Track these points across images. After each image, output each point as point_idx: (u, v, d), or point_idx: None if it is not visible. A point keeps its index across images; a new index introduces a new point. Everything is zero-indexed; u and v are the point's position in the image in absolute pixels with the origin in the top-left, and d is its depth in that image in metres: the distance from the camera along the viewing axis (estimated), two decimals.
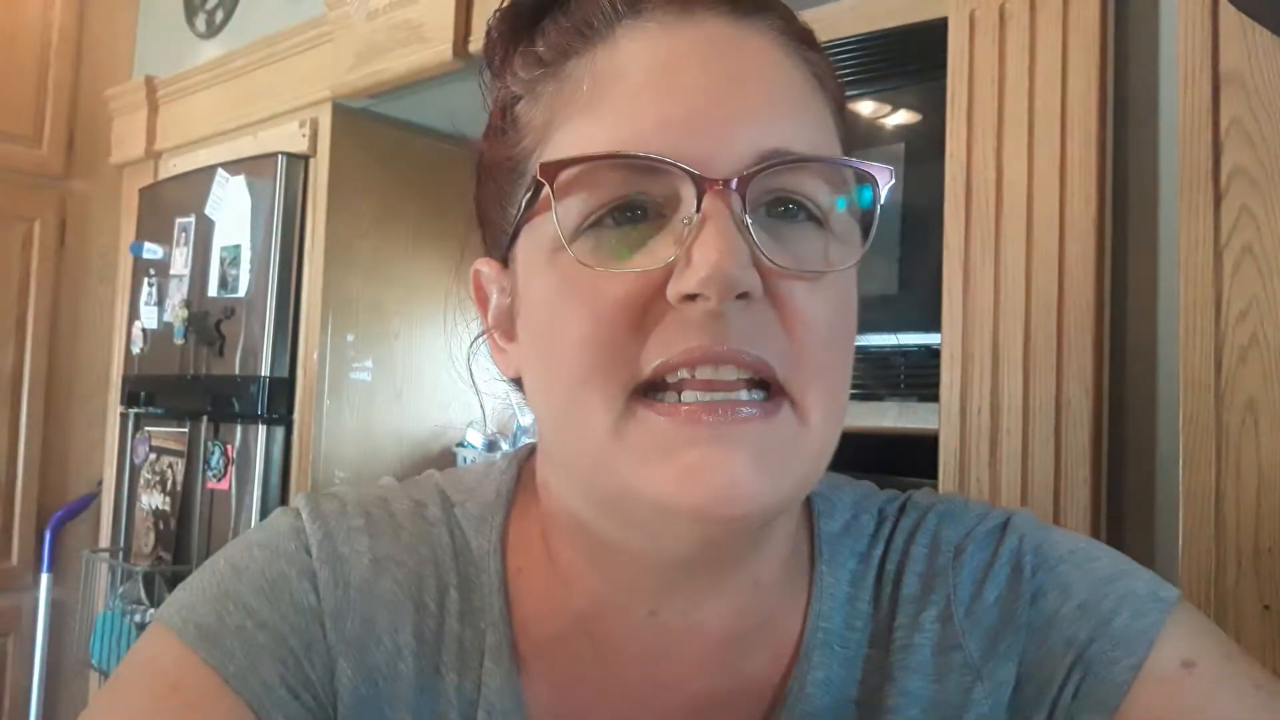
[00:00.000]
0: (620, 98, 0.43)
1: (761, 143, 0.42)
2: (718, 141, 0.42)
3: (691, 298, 0.40)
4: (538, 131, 0.47)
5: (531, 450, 0.56)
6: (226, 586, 0.49)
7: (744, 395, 0.42)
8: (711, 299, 0.40)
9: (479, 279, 0.53)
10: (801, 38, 0.48)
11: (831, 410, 0.44)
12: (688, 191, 0.41)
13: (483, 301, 0.53)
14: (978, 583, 0.51)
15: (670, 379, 0.42)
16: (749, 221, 0.41)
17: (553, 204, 0.43)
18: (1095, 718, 0.46)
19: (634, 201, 0.43)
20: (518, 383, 0.52)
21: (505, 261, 0.50)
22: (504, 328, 0.51)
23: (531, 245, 0.46)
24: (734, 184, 0.41)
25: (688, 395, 0.42)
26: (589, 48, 0.45)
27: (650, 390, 0.42)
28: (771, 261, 0.41)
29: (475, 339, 0.54)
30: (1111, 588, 0.49)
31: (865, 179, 0.45)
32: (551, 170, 0.43)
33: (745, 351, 0.41)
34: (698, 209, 0.41)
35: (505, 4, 0.49)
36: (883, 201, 0.45)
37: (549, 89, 0.46)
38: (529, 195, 0.45)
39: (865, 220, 0.47)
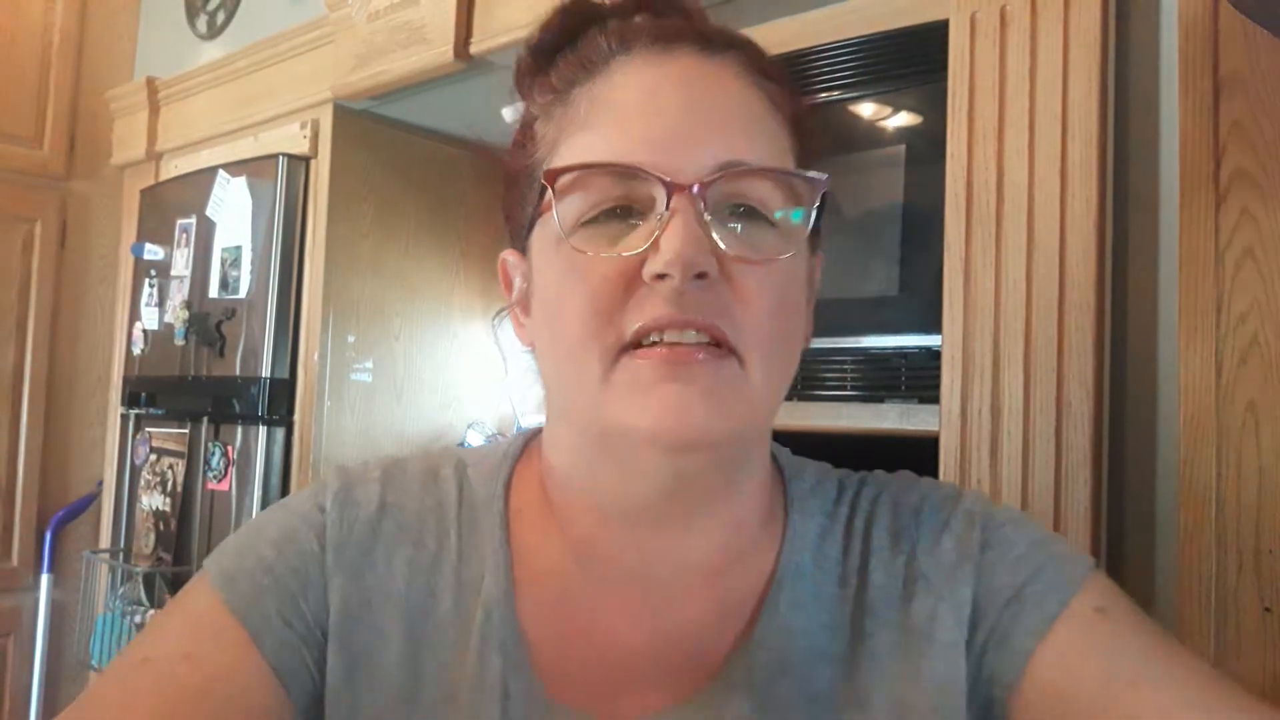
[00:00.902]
0: (611, 118, 0.54)
1: (720, 156, 0.53)
2: (685, 155, 0.52)
3: (661, 277, 0.51)
4: (548, 145, 0.58)
5: (535, 431, 0.68)
6: (250, 540, 0.61)
7: (701, 352, 0.52)
8: (675, 278, 0.50)
9: (505, 267, 0.64)
10: (762, 70, 0.58)
11: (770, 372, 0.54)
12: (661, 194, 0.52)
13: (508, 285, 0.64)
14: (936, 533, 0.62)
15: (645, 341, 0.52)
16: (709, 218, 0.52)
17: (553, 203, 0.54)
18: (1026, 640, 0.56)
19: (620, 201, 0.53)
20: (532, 351, 0.63)
21: (524, 251, 0.61)
22: (523, 305, 0.62)
23: (542, 237, 0.57)
24: (696, 188, 0.51)
25: (664, 338, 0.52)
26: (589, 78, 0.56)
27: (631, 348, 0.53)
28: (725, 249, 0.52)
29: (499, 312, 0.65)
30: (1045, 549, 0.60)
31: (811, 183, 0.55)
32: (553, 175, 0.54)
33: (701, 319, 0.51)
34: (667, 207, 0.51)
35: (530, 43, 0.61)
36: (817, 203, 0.56)
37: (558, 111, 0.58)
38: (539, 196, 0.56)
39: (810, 218, 0.57)
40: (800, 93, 0.60)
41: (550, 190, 0.54)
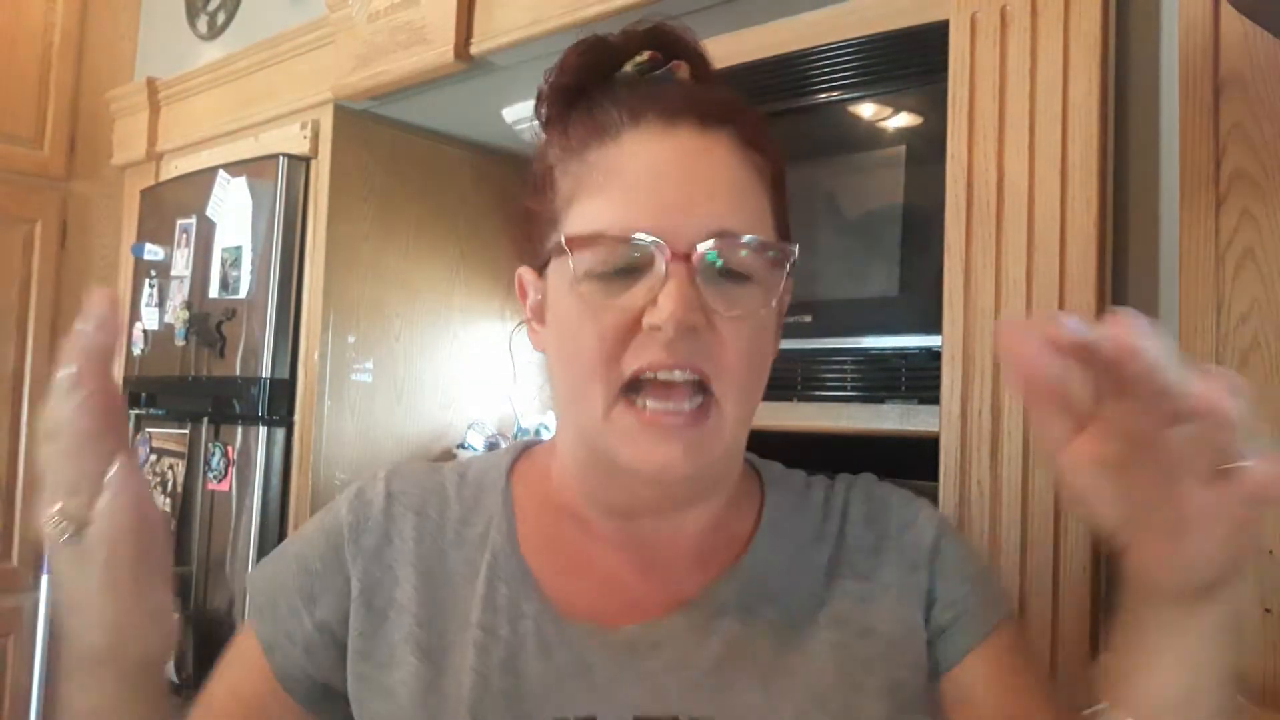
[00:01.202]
0: (621, 189, 0.64)
1: (712, 225, 0.62)
2: (682, 224, 0.62)
3: (657, 328, 0.61)
4: (565, 198, 0.67)
5: (534, 441, 0.81)
6: (274, 562, 0.76)
7: (686, 405, 0.63)
8: (669, 331, 0.60)
9: (521, 281, 0.73)
10: (751, 142, 0.66)
11: (742, 405, 0.66)
12: (661, 257, 0.61)
13: (523, 296, 0.73)
14: (905, 522, 0.74)
15: (642, 378, 0.63)
16: (699, 279, 0.62)
17: (571, 261, 0.64)
18: (967, 639, 0.70)
19: (626, 262, 0.63)
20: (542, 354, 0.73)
21: (540, 273, 0.70)
22: (538, 315, 0.71)
23: (559, 273, 0.66)
24: (692, 257, 0.61)
25: (651, 404, 0.63)
26: (603, 144, 0.65)
27: (628, 388, 0.63)
28: (712, 307, 0.62)
29: (518, 325, 0.75)
30: (988, 574, 0.77)
31: (786, 251, 0.66)
32: (571, 243, 0.64)
33: (688, 363, 0.62)
34: (666, 271, 0.61)
35: (551, 81, 0.71)
36: (786, 268, 0.66)
37: (574, 167, 0.67)
38: (559, 245, 0.65)
39: (783, 273, 0.67)
40: (780, 155, 0.69)
41: (569, 253, 0.64)
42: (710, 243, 0.62)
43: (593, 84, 0.69)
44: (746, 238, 0.63)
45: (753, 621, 0.68)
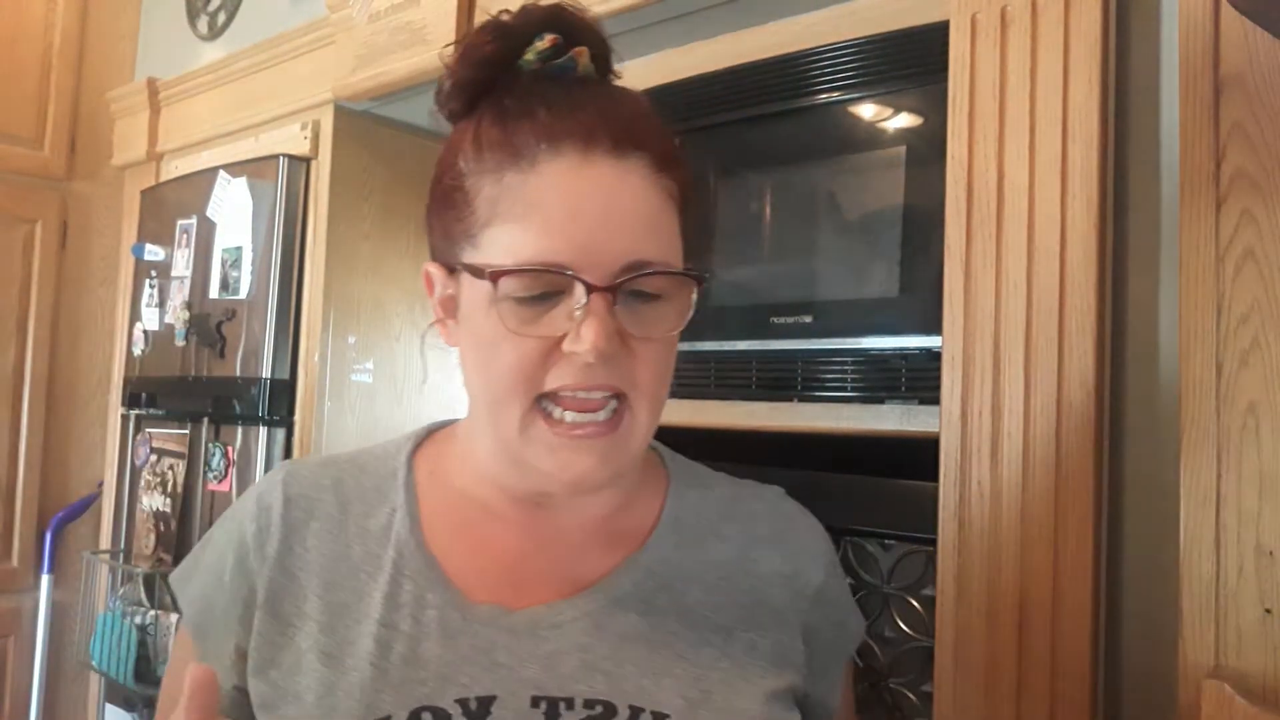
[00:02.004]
0: (541, 220, 0.66)
1: (628, 257, 0.65)
2: (601, 258, 0.65)
3: (578, 354, 0.64)
4: (482, 219, 0.68)
5: (439, 425, 0.83)
6: (200, 573, 0.78)
7: (601, 415, 0.67)
8: (590, 359, 0.64)
9: (429, 276, 0.75)
10: (662, 167, 0.69)
11: (653, 415, 0.70)
12: (580, 289, 0.65)
13: (430, 289, 0.75)
14: (800, 550, 0.80)
15: (559, 393, 0.66)
16: (618, 307, 0.65)
17: (493, 290, 0.66)
18: (843, 654, 0.83)
19: (545, 289, 0.66)
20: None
21: (450, 271, 0.72)
22: (449, 311, 0.73)
23: (475, 287, 0.68)
24: (609, 293, 0.65)
25: (570, 416, 0.66)
26: (520, 170, 0.66)
27: (544, 398, 0.67)
28: (630, 331, 0.66)
29: (430, 325, 0.77)
30: (852, 600, 0.86)
31: (693, 281, 0.70)
32: (496, 275, 0.65)
33: (605, 383, 0.66)
34: (586, 302, 0.64)
35: (455, 77, 0.71)
36: (695, 292, 0.70)
37: (488, 189, 0.68)
38: (478, 269, 0.67)
39: (692, 292, 0.71)
40: (688, 173, 0.72)
41: (491, 284, 0.66)
42: (626, 276, 0.65)
43: (497, 76, 0.70)
44: (658, 268, 0.67)
45: (649, 612, 0.71)
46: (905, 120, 1.16)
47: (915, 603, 1.15)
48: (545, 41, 0.70)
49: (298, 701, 0.68)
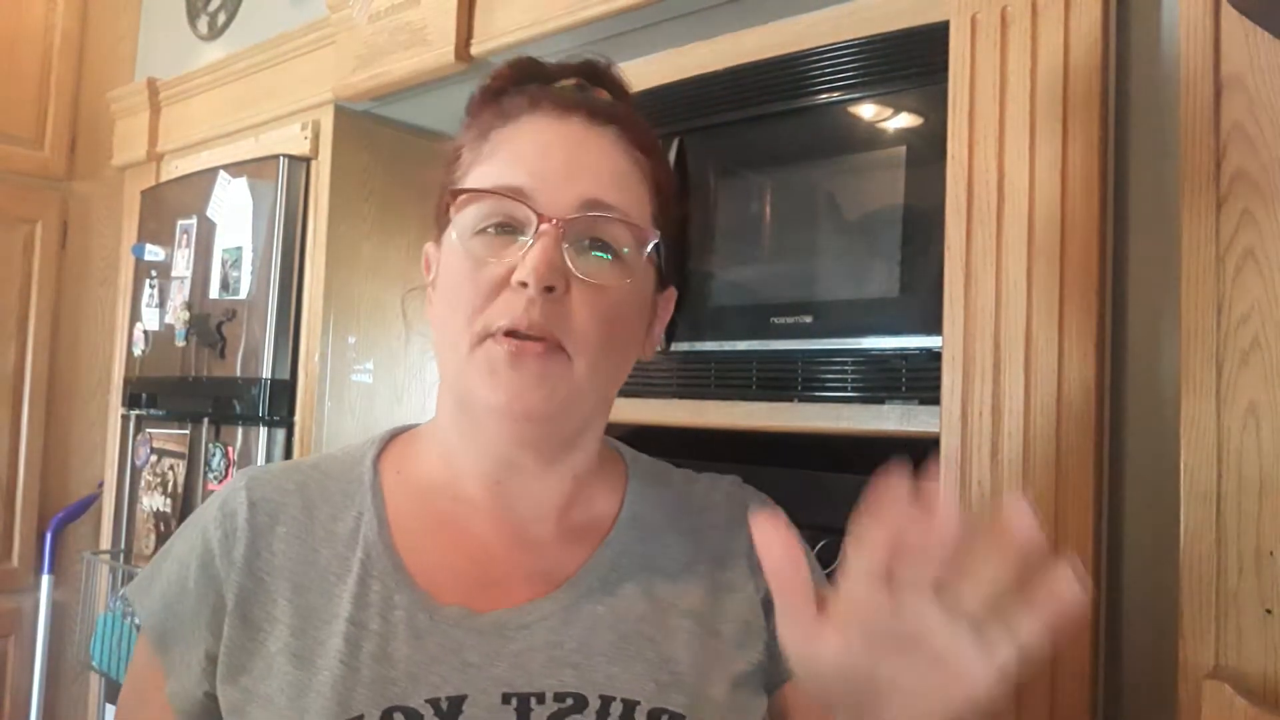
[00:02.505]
0: (508, 155, 0.70)
1: (585, 196, 0.68)
2: (558, 192, 0.68)
3: (522, 283, 0.66)
4: (464, 169, 0.74)
5: (405, 427, 0.83)
6: (161, 581, 0.76)
7: (540, 348, 0.67)
8: (530, 287, 0.66)
9: (426, 256, 0.79)
10: (636, 143, 0.73)
11: (595, 371, 0.69)
12: (533, 219, 0.67)
13: (427, 269, 0.79)
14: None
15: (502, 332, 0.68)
16: (566, 246, 0.67)
17: (452, 216, 0.71)
18: None
19: (504, 219, 0.69)
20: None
21: (438, 243, 0.76)
22: (434, 287, 0.76)
23: (448, 237, 0.73)
24: (559, 221, 0.67)
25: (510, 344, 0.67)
26: (504, 124, 0.73)
27: (490, 336, 0.68)
28: (573, 270, 0.68)
29: (409, 290, 0.82)
30: None
31: (650, 234, 0.72)
32: (454, 194, 0.71)
33: (542, 327, 0.67)
34: (536, 231, 0.67)
35: (483, 86, 0.77)
36: (648, 250, 0.72)
37: (478, 145, 0.73)
38: (446, 202, 0.72)
39: (654, 260, 0.74)
40: (666, 166, 0.76)
41: (452, 205, 0.71)
42: (581, 213, 0.68)
43: (515, 88, 0.76)
44: (616, 214, 0.69)
45: (616, 603, 0.73)
46: (905, 120, 1.16)
47: None
48: (570, 81, 0.77)
49: (269, 705, 0.68)
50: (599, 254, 0.69)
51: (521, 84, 0.76)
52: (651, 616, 0.73)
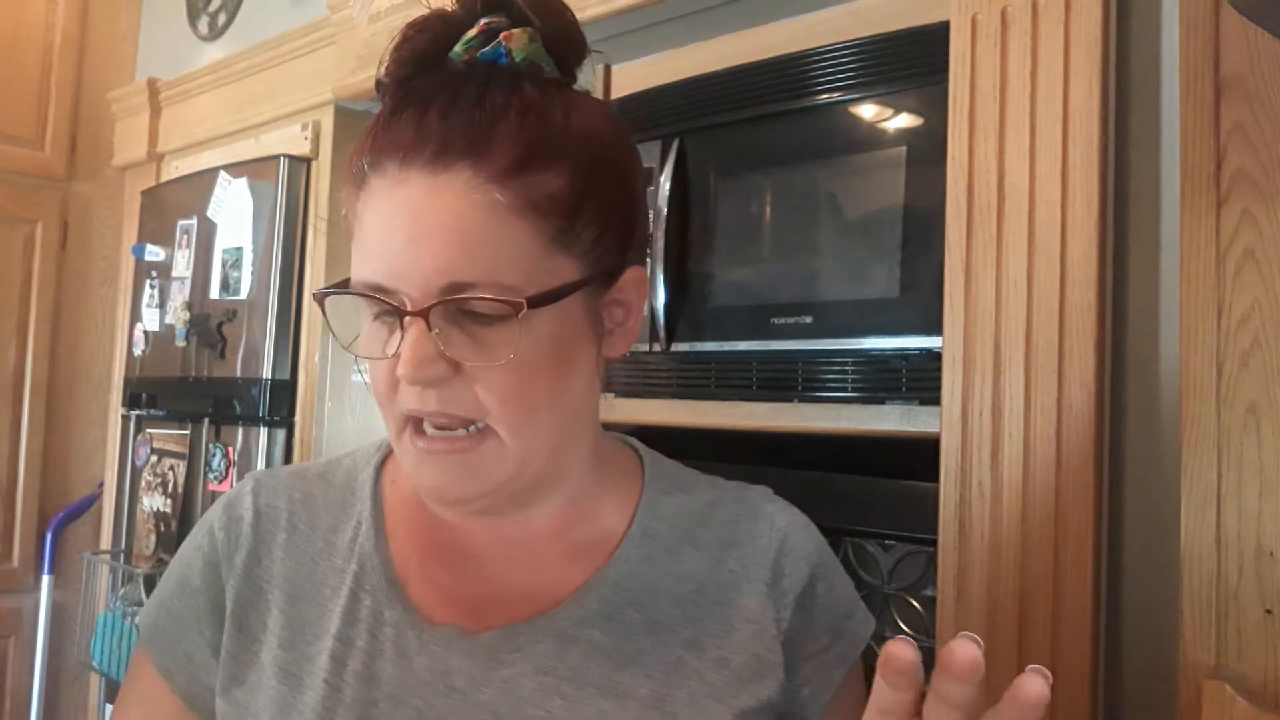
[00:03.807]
0: (361, 244, 0.64)
1: (443, 279, 0.60)
2: (414, 279, 0.61)
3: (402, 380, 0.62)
4: (354, 238, 0.66)
5: None
6: (161, 588, 0.76)
7: (462, 433, 0.63)
8: (410, 385, 0.62)
9: None
10: (498, 173, 0.61)
11: (524, 434, 0.64)
12: (396, 313, 0.61)
13: None
14: (785, 552, 0.74)
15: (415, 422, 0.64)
16: (437, 332, 0.61)
17: (325, 317, 0.67)
18: (836, 671, 0.74)
19: (382, 309, 0.63)
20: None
21: None
22: None
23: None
24: (418, 314, 0.60)
25: (431, 430, 0.64)
26: (357, 189, 0.65)
27: (410, 421, 0.64)
28: (454, 357, 0.61)
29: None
30: (859, 606, 0.77)
31: (517, 305, 0.61)
32: (318, 297, 0.67)
33: (443, 412, 0.63)
34: (403, 324, 0.61)
35: (390, 76, 0.69)
36: (520, 315, 0.62)
37: (354, 211, 0.66)
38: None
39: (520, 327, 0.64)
40: (543, 171, 0.63)
41: (322, 310, 0.67)
42: (442, 298, 0.60)
43: (421, 75, 0.66)
44: (479, 291, 0.60)
45: (615, 630, 0.68)
46: (905, 121, 1.16)
47: (915, 603, 1.15)
48: (475, 29, 0.65)
49: None
50: (479, 325, 0.62)
51: (428, 63, 0.66)
52: (652, 649, 0.68)
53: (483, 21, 0.65)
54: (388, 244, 0.62)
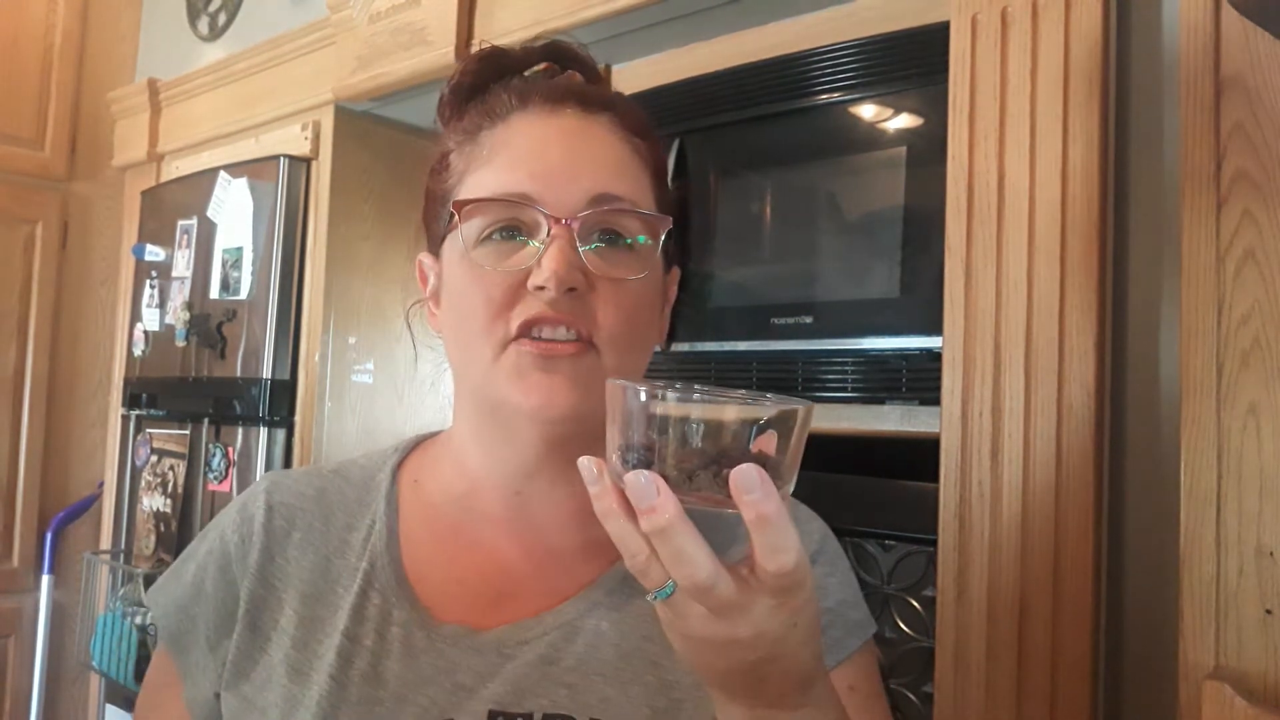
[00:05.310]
0: (507, 158, 0.68)
1: (592, 190, 0.67)
2: (564, 190, 0.66)
3: (541, 288, 0.64)
4: (457, 176, 0.71)
5: (427, 435, 0.81)
6: (175, 586, 0.76)
7: (574, 335, 0.66)
8: (551, 290, 0.64)
9: (421, 267, 0.78)
10: (630, 128, 0.71)
11: (624, 363, 0.67)
12: (544, 222, 0.65)
13: (423, 280, 0.77)
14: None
15: (527, 335, 0.66)
16: (579, 244, 0.65)
17: (458, 226, 0.68)
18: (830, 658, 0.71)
19: (510, 223, 0.67)
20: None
21: (436, 255, 0.74)
22: (435, 299, 0.75)
23: (452, 248, 0.71)
24: (571, 220, 0.65)
25: (545, 334, 0.65)
26: (493, 126, 0.70)
27: (515, 339, 0.66)
28: (591, 269, 0.66)
29: (413, 303, 0.80)
30: (859, 598, 0.76)
31: (662, 222, 0.70)
32: (459, 205, 0.68)
33: (569, 320, 0.65)
34: (549, 234, 0.65)
35: (451, 83, 0.75)
36: (662, 238, 0.70)
37: (468, 149, 0.71)
38: (450, 217, 0.70)
39: (666, 246, 0.71)
40: (661, 149, 0.75)
41: (457, 216, 0.68)
42: (591, 208, 0.66)
43: (490, 83, 0.74)
44: (625, 205, 0.67)
45: (623, 619, 0.69)
46: (906, 121, 1.16)
47: (915, 603, 1.15)
48: (541, 66, 0.75)
49: (262, 717, 0.67)
50: (614, 247, 0.67)
51: (492, 78, 0.74)
52: (658, 636, 0.66)
53: (546, 64, 0.75)
54: (542, 158, 0.67)
